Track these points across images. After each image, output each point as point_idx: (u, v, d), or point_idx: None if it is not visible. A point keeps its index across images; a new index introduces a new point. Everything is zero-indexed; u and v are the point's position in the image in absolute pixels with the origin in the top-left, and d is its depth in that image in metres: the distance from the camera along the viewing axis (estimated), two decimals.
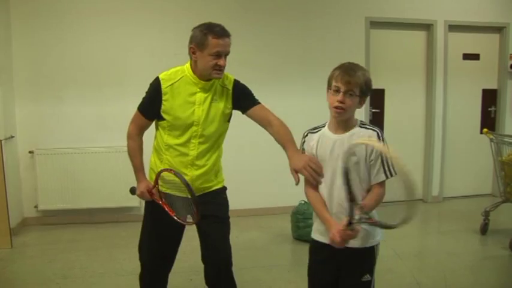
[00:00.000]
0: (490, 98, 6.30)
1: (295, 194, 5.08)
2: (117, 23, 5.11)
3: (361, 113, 5.61)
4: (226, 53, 2.40)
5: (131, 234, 4.70)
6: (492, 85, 6.30)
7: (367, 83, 2.07)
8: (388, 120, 5.95)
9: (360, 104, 2.09)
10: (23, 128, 5.01)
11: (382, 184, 2.05)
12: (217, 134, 2.53)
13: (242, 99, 2.59)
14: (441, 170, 6.10)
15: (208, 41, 2.32)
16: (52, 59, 5.01)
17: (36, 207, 5.05)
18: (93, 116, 5.10)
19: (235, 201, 5.49)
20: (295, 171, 2.16)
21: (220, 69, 2.37)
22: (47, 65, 5.02)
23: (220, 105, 2.50)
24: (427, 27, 5.95)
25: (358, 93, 2.04)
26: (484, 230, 4.67)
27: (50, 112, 5.05)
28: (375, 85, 6.15)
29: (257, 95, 5.78)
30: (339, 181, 2.01)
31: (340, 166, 1.95)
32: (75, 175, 5.01)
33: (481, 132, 4.85)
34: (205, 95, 2.44)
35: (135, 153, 2.53)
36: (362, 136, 2.06)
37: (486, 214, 4.67)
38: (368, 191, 2.06)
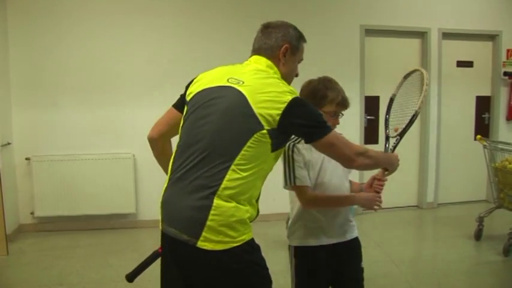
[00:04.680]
0: (483, 104, 6.36)
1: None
2: (114, 30, 5.14)
3: (357, 120, 5.65)
4: None
5: (127, 241, 4.73)
6: (486, 92, 6.36)
7: None
8: (383, 127, 5.96)
9: None
10: (20, 134, 5.03)
11: None
12: None
13: None
14: (436, 176, 6.14)
15: (301, 46, 2.05)
16: (49, 65, 5.04)
17: (32, 213, 5.05)
18: (89, 123, 5.12)
19: None
20: None
21: None
22: (44, 72, 5.04)
23: None
24: (421, 35, 6.01)
25: None
26: (478, 235, 4.70)
27: (47, 119, 5.07)
28: (370, 92, 6.21)
29: None
30: (338, 178, 2.20)
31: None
32: (71, 182, 5.02)
33: (475, 139, 4.89)
34: None
35: (374, 150, 2.03)
36: None
37: (480, 220, 4.70)
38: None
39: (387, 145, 2.23)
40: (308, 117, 1.79)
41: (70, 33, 5.06)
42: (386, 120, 2.33)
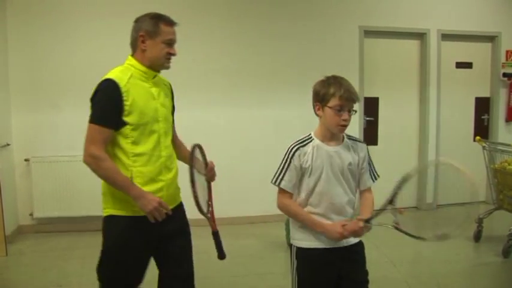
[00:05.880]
0: (482, 106, 6.36)
1: None
2: (114, 33, 5.11)
3: (356, 121, 5.65)
4: (175, 42, 2.35)
5: None
6: (485, 93, 6.36)
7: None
8: (382, 128, 5.99)
9: None
10: (19, 135, 5.03)
11: (370, 189, 2.28)
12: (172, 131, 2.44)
13: (174, 106, 2.53)
14: (435, 177, 6.13)
15: (161, 29, 2.25)
16: (48, 66, 5.04)
17: (31, 215, 5.05)
18: None
19: (229, 209, 5.53)
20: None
21: (170, 58, 2.32)
22: (43, 73, 5.04)
23: (170, 100, 2.46)
24: (420, 36, 6.01)
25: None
26: (477, 237, 4.70)
27: (46, 120, 5.07)
28: (369, 94, 6.23)
29: (252, 104, 5.82)
30: (338, 189, 2.17)
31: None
32: (70, 183, 5.01)
33: (474, 140, 4.89)
34: (158, 89, 2.32)
35: (118, 170, 2.14)
36: (359, 148, 2.28)
37: (479, 221, 4.70)
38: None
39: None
40: (92, 100, 2.30)
41: (69, 34, 5.06)
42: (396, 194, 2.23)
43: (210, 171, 2.40)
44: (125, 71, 2.23)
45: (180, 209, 2.42)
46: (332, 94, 2.12)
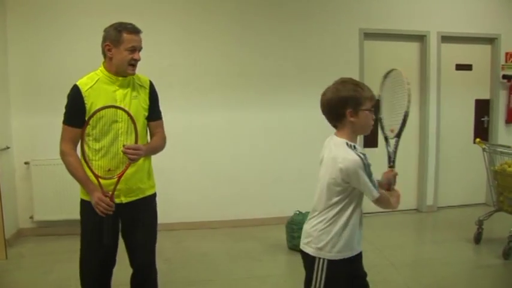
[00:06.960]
0: (482, 108, 6.36)
1: (290, 204, 5.11)
2: None
3: None
4: (140, 48, 2.56)
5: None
6: (485, 95, 6.36)
7: None
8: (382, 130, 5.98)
9: None
10: (19, 138, 5.02)
11: None
12: (143, 130, 2.60)
13: (155, 105, 2.72)
14: (435, 179, 6.13)
15: (123, 37, 2.47)
16: (48, 69, 5.03)
17: (31, 217, 5.04)
18: None
19: (230, 212, 5.52)
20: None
21: (135, 64, 2.53)
22: (43, 76, 5.03)
23: (140, 101, 2.61)
24: (420, 38, 6.02)
25: None
26: (477, 239, 4.70)
27: (46, 123, 5.05)
28: None
29: (253, 107, 5.80)
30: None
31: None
32: (70, 186, 4.94)
33: (474, 142, 4.89)
34: (124, 91, 2.55)
35: (78, 166, 2.52)
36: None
37: (480, 223, 4.69)
38: None
39: (388, 147, 2.38)
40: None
41: (70, 38, 5.06)
42: (380, 121, 2.49)
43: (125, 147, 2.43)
44: (94, 76, 2.55)
45: (141, 201, 2.63)
46: (366, 97, 2.20)
